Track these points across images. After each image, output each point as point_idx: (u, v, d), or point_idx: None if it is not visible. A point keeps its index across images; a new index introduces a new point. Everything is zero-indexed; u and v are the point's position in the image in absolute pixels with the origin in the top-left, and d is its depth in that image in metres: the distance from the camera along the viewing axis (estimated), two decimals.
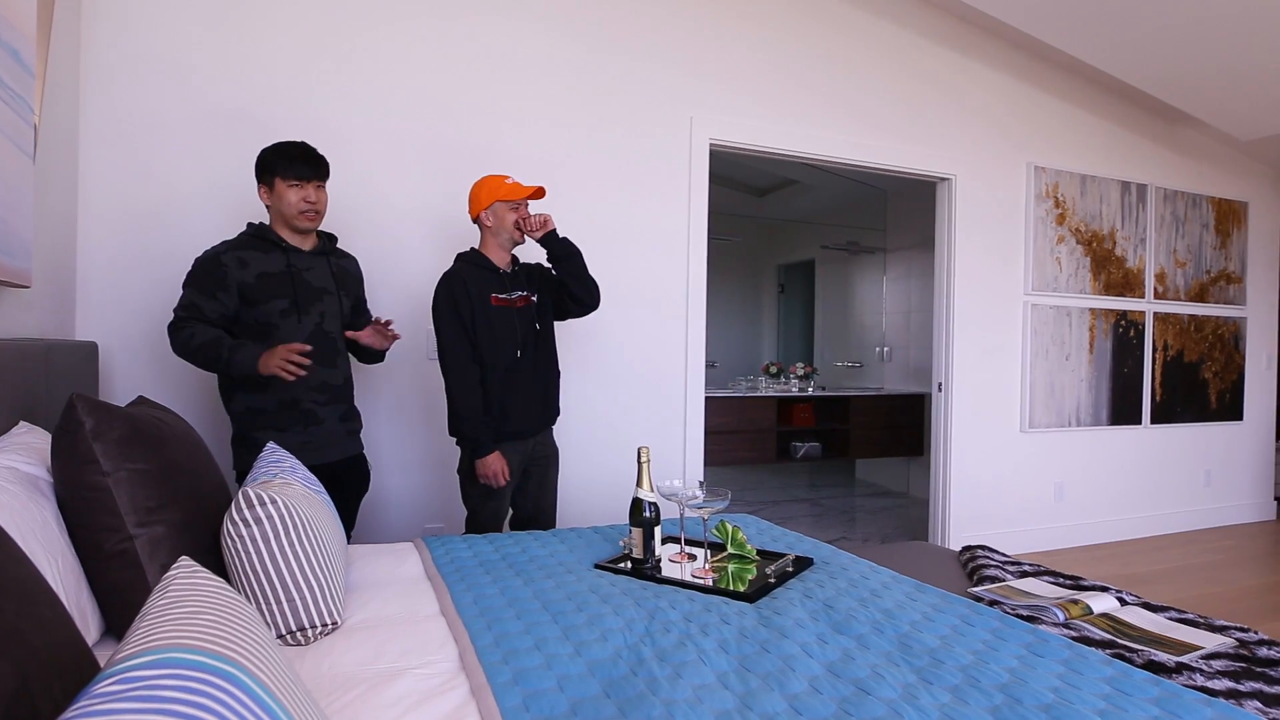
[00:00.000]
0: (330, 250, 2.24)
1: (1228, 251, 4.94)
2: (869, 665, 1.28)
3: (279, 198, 2.08)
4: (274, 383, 2.06)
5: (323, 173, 2.13)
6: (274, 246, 2.11)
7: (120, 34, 2.48)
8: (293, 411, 2.11)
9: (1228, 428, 4.99)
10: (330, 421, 2.18)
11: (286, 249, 2.12)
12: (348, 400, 2.26)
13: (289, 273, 2.10)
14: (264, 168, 2.10)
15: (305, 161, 2.08)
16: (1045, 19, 3.68)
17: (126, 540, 1.29)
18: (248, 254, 2.07)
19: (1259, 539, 4.64)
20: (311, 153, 2.11)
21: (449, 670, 1.27)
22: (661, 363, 3.33)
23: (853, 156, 3.70)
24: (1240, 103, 4.12)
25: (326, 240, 2.25)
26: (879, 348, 6.45)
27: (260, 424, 2.09)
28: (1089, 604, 1.67)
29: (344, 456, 2.23)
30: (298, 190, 2.08)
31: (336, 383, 2.20)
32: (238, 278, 2.03)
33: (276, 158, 2.08)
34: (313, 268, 2.16)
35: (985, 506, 4.11)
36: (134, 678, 0.61)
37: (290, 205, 2.08)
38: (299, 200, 2.08)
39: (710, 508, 1.81)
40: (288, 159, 2.07)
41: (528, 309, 2.41)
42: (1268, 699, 1.24)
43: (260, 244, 2.10)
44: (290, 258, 2.12)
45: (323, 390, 2.15)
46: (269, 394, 2.08)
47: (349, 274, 2.29)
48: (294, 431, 2.11)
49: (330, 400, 2.18)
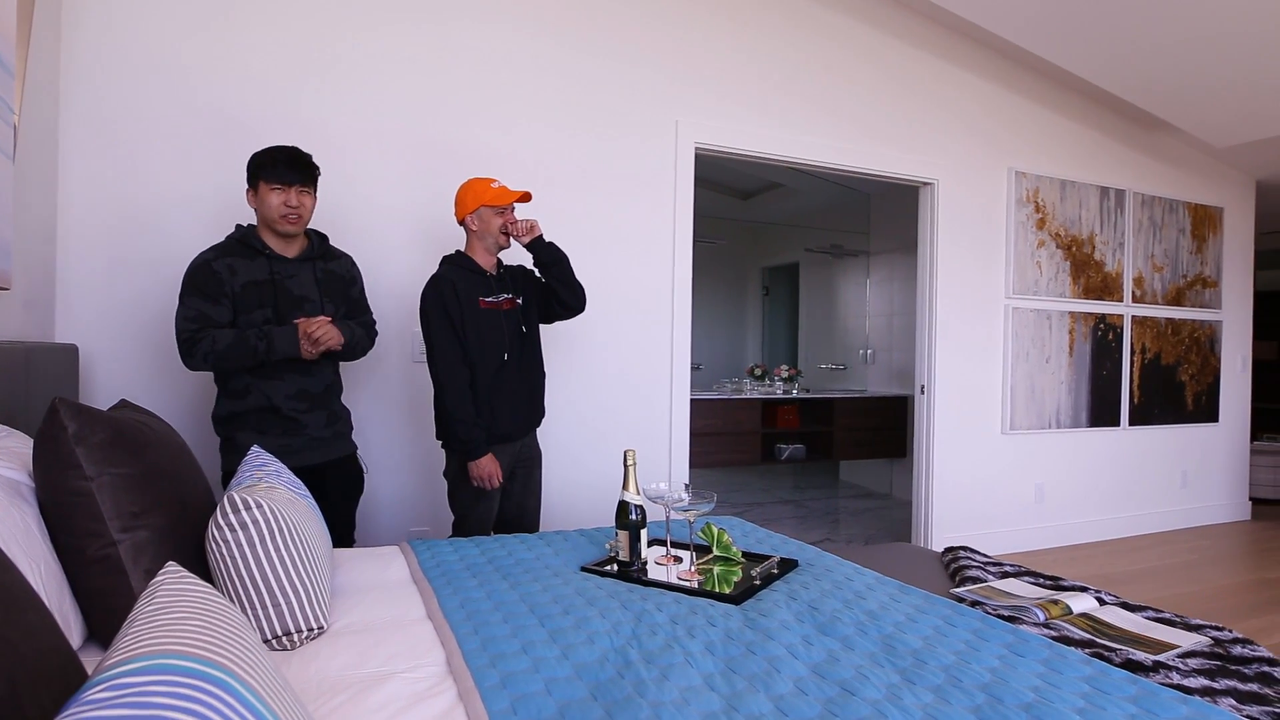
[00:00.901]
0: (318, 254, 2.23)
1: (1203, 256, 5.02)
2: (853, 666, 1.29)
3: (261, 200, 2.10)
4: (254, 389, 2.09)
5: (308, 178, 2.13)
6: (258, 253, 2.12)
7: (103, 34, 2.46)
8: (273, 416, 2.13)
9: (1204, 429, 5.08)
10: (313, 426, 2.19)
11: (270, 256, 2.13)
12: (329, 405, 2.25)
13: (271, 281, 2.12)
14: (250, 170, 2.11)
15: (290, 166, 2.09)
16: (1028, 27, 3.73)
17: (110, 545, 1.28)
18: (235, 261, 2.09)
19: (1234, 539, 4.71)
20: (298, 158, 2.12)
21: (436, 674, 1.27)
22: (647, 365, 3.34)
23: (837, 160, 3.74)
24: (1216, 111, 4.20)
25: (316, 242, 2.25)
26: (862, 350, 6.50)
27: (243, 426, 2.12)
28: (1069, 604, 1.70)
29: (329, 459, 2.23)
30: (279, 194, 2.08)
31: (316, 390, 2.20)
32: (230, 285, 2.07)
33: (263, 160, 2.09)
34: (296, 275, 2.17)
35: (967, 508, 4.15)
36: (124, 684, 0.61)
37: (271, 208, 2.08)
38: (279, 204, 2.08)
39: (696, 510, 1.82)
40: (272, 163, 2.08)
41: (514, 312, 2.42)
42: (1242, 696, 1.27)
43: (245, 250, 2.12)
44: (274, 265, 2.13)
45: (301, 398, 2.16)
46: (249, 399, 2.11)
47: (336, 278, 2.27)
48: (273, 435, 2.13)
49: (311, 408, 2.18)
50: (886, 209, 6.25)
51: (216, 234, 2.59)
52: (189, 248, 2.57)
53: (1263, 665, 1.40)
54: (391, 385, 2.87)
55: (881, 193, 6.20)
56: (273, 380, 2.11)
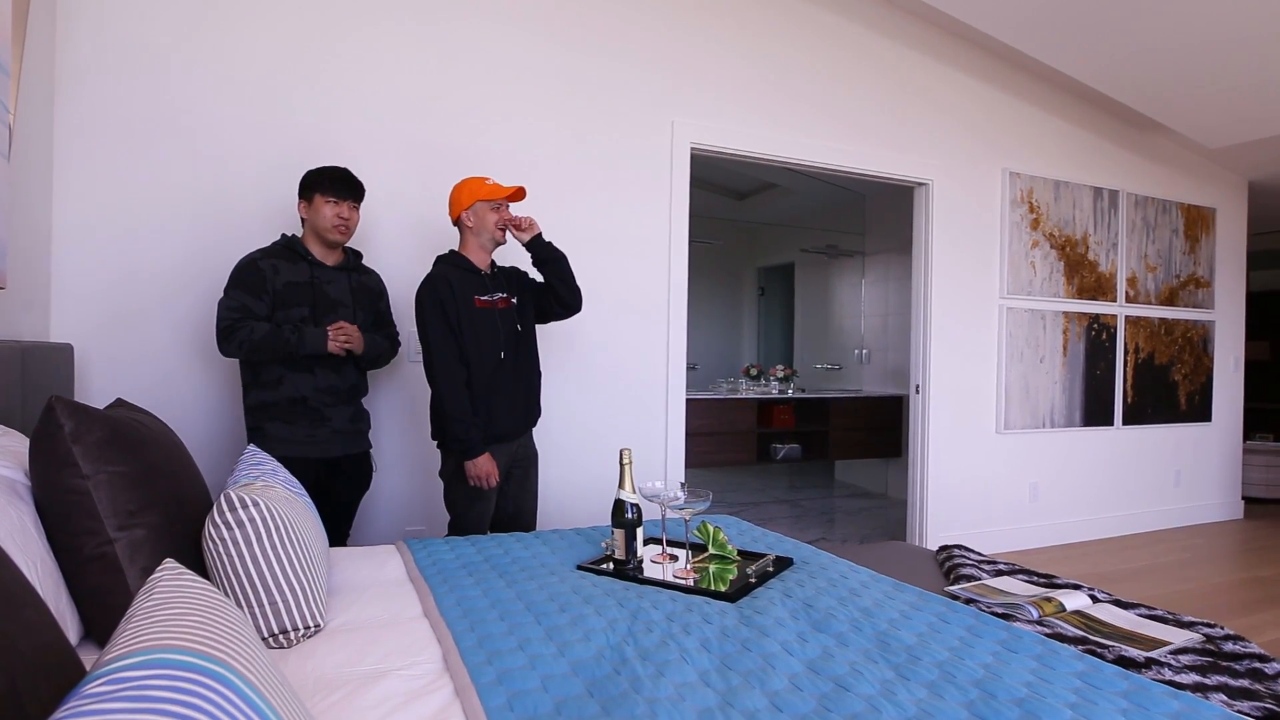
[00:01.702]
0: (354, 267, 2.42)
1: (1196, 256, 5.05)
2: (848, 662, 1.30)
3: (315, 211, 2.28)
4: (286, 380, 2.26)
5: (358, 195, 2.35)
6: (301, 259, 2.30)
7: (98, 34, 2.46)
8: (301, 407, 2.28)
9: (1197, 429, 5.10)
10: (337, 420, 2.34)
11: (312, 262, 2.31)
12: (354, 402, 2.42)
13: (311, 283, 2.29)
14: (306, 184, 2.30)
15: (344, 183, 2.31)
16: (1023, 30, 3.74)
17: (106, 544, 1.28)
18: (279, 263, 2.27)
19: (1226, 538, 4.74)
20: (351, 178, 2.33)
21: (433, 671, 1.27)
22: (643, 365, 3.34)
23: (832, 161, 3.75)
24: (1208, 112, 4.23)
25: (352, 257, 2.43)
26: (857, 350, 6.51)
27: (271, 415, 2.26)
28: (1062, 601, 1.71)
29: (347, 453, 2.38)
30: (333, 206, 2.28)
31: (342, 387, 2.36)
32: (272, 284, 2.24)
33: (320, 176, 2.29)
34: (334, 281, 2.34)
35: (961, 507, 4.17)
36: (124, 678, 0.61)
37: (325, 219, 2.28)
38: (333, 215, 2.28)
39: (692, 509, 1.82)
40: (330, 179, 2.29)
41: (509, 311, 2.42)
42: (1233, 692, 1.28)
43: (289, 255, 2.30)
44: (314, 270, 2.31)
45: (330, 393, 2.32)
46: (281, 390, 2.26)
47: (368, 289, 2.45)
48: (301, 425, 2.28)
49: (336, 402, 2.34)
50: (881, 209, 6.27)
51: (212, 233, 2.60)
52: (184, 247, 2.58)
53: (1254, 661, 1.41)
54: (386, 385, 2.87)
55: (876, 193, 6.21)
56: (304, 374, 2.27)
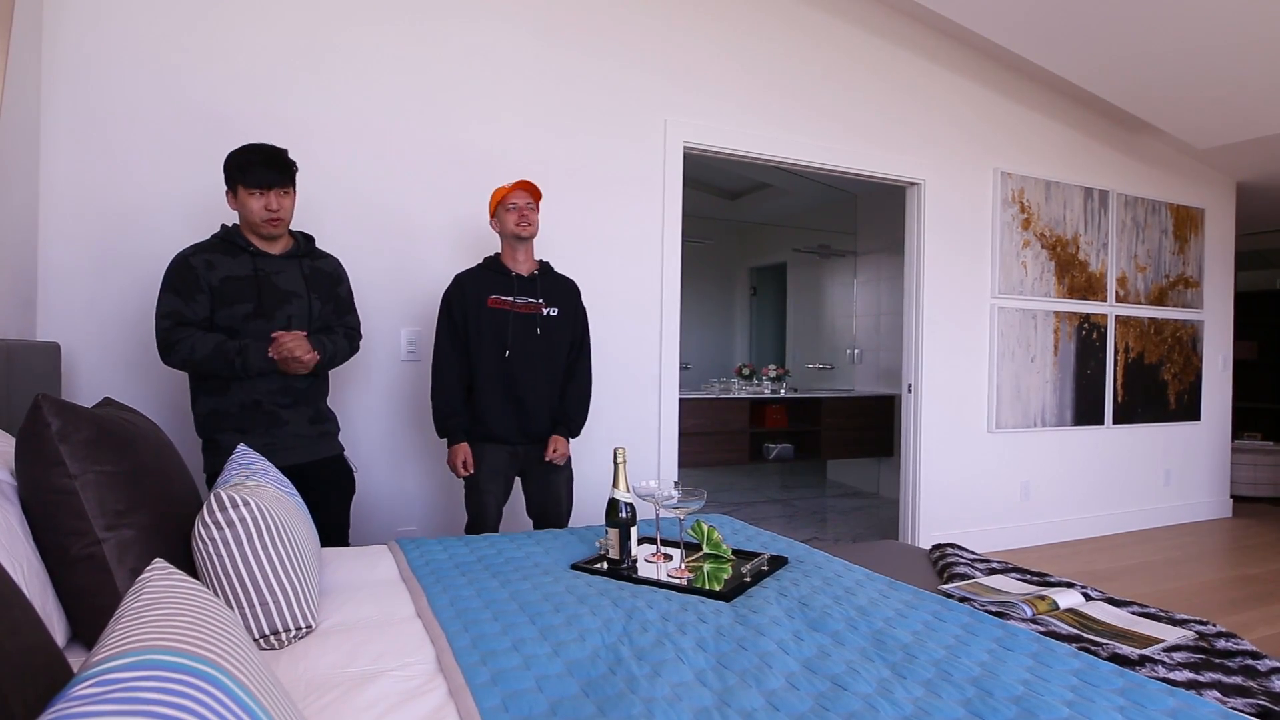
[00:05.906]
0: (305, 252, 2.21)
1: (1185, 256, 5.08)
2: (844, 661, 1.30)
3: (242, 205, 2.07)
4: (235, 385, 2.06)
5: (285, 178, 2.08)
6: (241, 250, 2.10)
7: (86, 30, 2.43)
8: (255, 412, 2.09)
9: (1186, 428, 5.13)
10: (296, 423, 2.15)
11: (255, 253, 2.10)
12: (314, 403, 2.22)
13: (255, 277, 2.08)
14: (228, 173, 2.07)
15: (267, 167, 2.04)
16: (1016, 31, 3.76)
17: (94, 544, 1.26)
18: (215, 257, 2.06)
19: (1216, 536, 4.77)
20: (274, 157, 2.06)
21: (427, 672, 1.26)
22: (635, 364, 3.33)
23: (824, 160, 3.75)
24: (1197, 113, 4.25)
25: (302, 242, 2.22)
26: (849, 350, 6.52)
27: (224, 426, 2.08)
28: (1055, 599, 1.71)
29: (314, 459, 2.20)
30: (259, 199, 2.05)
31: (301, 385, 2.16)
32: (206, 280, 2.03)
33: (238, 164, 2.05)
34: (283, 271, 2.14)
35: (954, 506, 4.18)
36: (113, 679, 0.60)
37: (252, 213, 2.06)
38: (260, 209, 2.05)
39: (686, 508, 1.82)
40: (249, 166, 2.04)
41: (532, 315, 2.42)
42: (1226, 688, 1.28)
43: (228, 248, 2.09)
44: (257, 262, 2.10)
45: (286, 393, 2.13)
46: (230, 396, 2.07)
47: (324, 275, 2.24)
48: (257, 433, 2.09)
49: (295, 403, 2.15)
50: (873, 209, 6.28)
51: (201, 231, 2.57)
52: (172, 245, 2.54)
53: (1246, 659, 1.42)
54: (378, 384, 2.85)
55: (869, 193, 6.23)
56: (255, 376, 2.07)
